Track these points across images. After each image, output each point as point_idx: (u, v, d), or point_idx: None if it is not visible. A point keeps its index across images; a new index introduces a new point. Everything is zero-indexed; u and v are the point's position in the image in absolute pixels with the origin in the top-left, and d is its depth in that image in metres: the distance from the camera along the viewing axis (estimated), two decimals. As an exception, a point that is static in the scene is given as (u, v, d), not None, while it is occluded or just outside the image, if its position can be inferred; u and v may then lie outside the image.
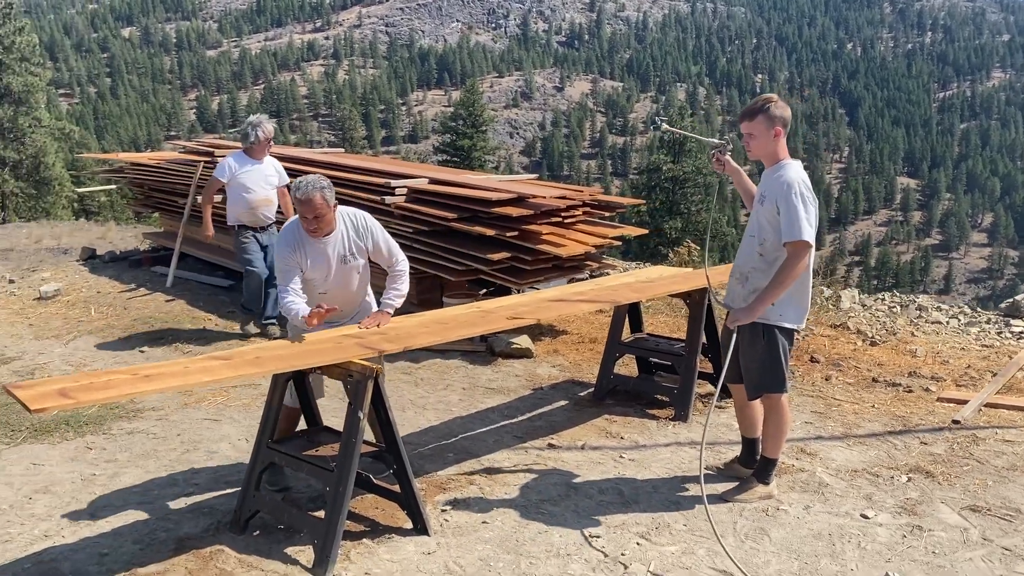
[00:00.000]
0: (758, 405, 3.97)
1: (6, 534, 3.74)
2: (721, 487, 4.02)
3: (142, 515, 3.88)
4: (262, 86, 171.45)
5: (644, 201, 37.57)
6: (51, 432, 5.04)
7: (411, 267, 6.92)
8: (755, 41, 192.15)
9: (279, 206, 6.92)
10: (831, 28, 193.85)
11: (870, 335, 6.75)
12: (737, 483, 4.01)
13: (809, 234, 3.52)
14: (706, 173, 42.49)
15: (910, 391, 5.47)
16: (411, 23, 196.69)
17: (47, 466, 4.53)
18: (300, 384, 3.81)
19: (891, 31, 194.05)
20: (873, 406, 5.23)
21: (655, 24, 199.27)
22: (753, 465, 4.05)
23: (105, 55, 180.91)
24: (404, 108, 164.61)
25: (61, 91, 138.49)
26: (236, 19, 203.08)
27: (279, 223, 6.66)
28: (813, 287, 8.32)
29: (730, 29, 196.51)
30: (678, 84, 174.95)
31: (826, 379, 5.79)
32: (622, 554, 3.45)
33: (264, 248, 6.82)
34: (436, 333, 3.92)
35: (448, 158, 42.83)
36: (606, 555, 3.44)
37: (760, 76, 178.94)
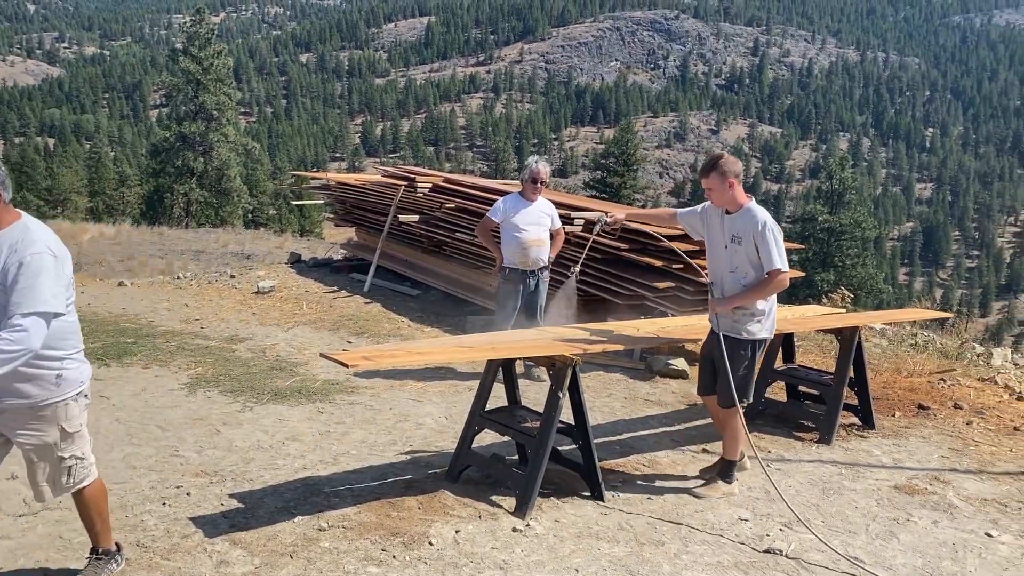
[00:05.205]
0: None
1: (273, 464, 4.83)
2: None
3: (374, 461, 4.89)
4: (424, 115, 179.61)
5: (804, 246, 37.11)
6: (288, 397, 6.21)
7: (582, 291, 7.84)
8: (928, 93, 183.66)
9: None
10: (1015, 84, 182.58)
11: (1018, 390, 7.01)
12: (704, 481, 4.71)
13: (783, 263, 4.29)
14: (865, 228, 41.46)
15: (1051, 442, 5.79)
16: (571, 60, 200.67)
17: (291, 422, 5.65)
18: (507, 370, 4.74)
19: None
20: (1011, 450, 5.60)
21: (820, 71, 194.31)
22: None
23: (283, 78, 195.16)
24: (556, 143, 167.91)
25: (241, 110, 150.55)
26: (405, 50, 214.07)
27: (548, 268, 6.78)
28: (964, 343, 8.57)
29: (902, 80, 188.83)
30: (841, 133, 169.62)
31: (967, 423, 6.16)
32: (767, 535, 4.12)
33: (531, 294, 6.69)
34: (630, 340, 4.84)
35: (596, 194, 43.77)
36: (753, 534, 4.13)
37: (931, 129, 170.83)
